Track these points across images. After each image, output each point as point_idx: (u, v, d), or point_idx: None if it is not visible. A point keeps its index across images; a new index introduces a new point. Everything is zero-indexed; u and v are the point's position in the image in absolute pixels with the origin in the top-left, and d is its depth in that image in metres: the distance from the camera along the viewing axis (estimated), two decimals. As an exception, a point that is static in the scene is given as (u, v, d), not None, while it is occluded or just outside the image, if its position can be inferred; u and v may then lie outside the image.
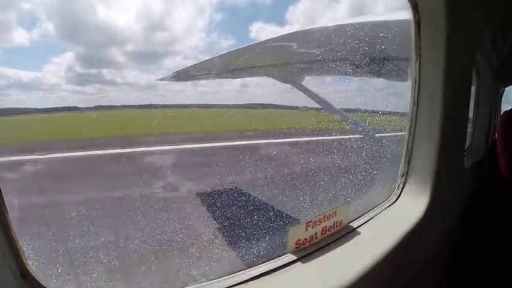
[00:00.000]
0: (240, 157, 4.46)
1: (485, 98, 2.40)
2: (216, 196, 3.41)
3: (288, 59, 2.90)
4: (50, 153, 4.24)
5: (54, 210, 2.95)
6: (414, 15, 1.04)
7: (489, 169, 2.01)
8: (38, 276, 0.44)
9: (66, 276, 1.95)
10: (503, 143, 1.55)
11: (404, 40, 1.14)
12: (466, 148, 2.27)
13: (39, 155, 4.15)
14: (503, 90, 2.97)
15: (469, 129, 2.33)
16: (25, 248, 0.43)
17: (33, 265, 0.44)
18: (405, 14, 1.10)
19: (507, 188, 1.65)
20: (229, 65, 3.05)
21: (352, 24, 2.24)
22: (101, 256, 2.34)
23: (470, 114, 2.29)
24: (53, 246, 2.35)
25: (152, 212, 3.04)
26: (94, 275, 2.13)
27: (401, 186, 1.13)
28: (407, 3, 1.05)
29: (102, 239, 2.58)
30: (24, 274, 0.43)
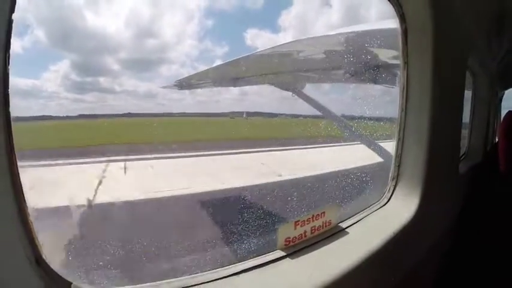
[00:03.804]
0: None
1: (483, 102, 2.39)
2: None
3: (289, 67, 2.96)
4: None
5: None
6: (401, 25, 1.07)
7: (488, 174, 2.01)
8: (52, 262, 0.50)
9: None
10: (504, 143, 1.54)
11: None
12: (463, 153, 2.27)
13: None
14: (503, 94, 2.96)
15: (466, 135, 2.33)
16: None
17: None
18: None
19: (505, 192, 1.65)
20: (230, 74, 3.13)
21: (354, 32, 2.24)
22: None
23: (467, 119, 2.30)
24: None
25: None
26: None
27: (391, 189, 1.16)
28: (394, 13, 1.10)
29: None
30: (39, 261, 0.47)
